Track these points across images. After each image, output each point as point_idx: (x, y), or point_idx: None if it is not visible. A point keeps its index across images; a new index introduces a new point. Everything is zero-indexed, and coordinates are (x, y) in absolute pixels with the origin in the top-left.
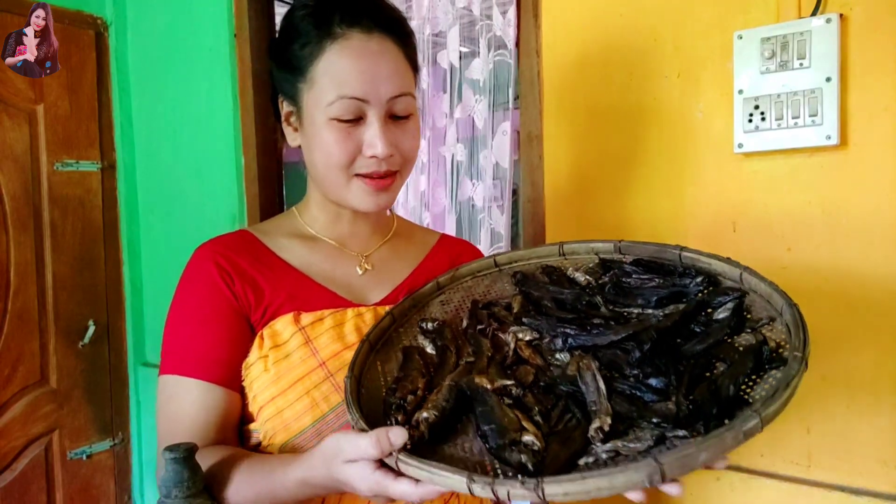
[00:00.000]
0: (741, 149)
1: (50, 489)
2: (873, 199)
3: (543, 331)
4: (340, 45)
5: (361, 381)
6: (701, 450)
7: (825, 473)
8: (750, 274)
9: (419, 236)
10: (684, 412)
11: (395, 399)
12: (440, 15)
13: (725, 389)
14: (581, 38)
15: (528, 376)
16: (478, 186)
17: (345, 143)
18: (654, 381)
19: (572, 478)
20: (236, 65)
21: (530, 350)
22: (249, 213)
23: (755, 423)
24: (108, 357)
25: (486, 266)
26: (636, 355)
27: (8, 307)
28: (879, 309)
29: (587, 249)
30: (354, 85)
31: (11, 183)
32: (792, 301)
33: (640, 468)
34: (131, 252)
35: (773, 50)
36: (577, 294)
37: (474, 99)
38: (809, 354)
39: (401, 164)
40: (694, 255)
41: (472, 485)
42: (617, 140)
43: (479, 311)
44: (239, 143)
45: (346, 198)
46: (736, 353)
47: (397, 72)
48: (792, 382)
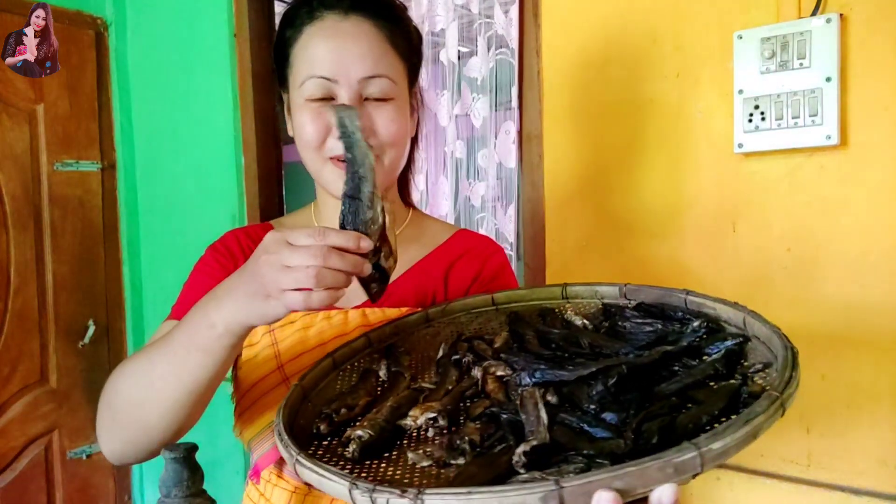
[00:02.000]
0: (741, 149)
1: (49, 489)
2: (873, 199)
3: (517, 367)
4: (316, 26)
5: (310, 394)
6: (615, 477)
7: (825, 473)
8: (754, 318)
9: (431, 233)
10: (628, 447)
11: (328, 409)
12: (440, 13)
13: (682, 427)
14: (581, 38)
15: (478, 409)
16: (475, 186)
17: (314, 124)
18: (609, 417)
19: (457, 492)
20: (236, 65)
21: (496, 384)
22: (249, 213)
23: (691, 456)
24: (108, 357)
25: (482, 303)
26: (598, 389)
27: (8, 307)
28: (879, 309)
29: (591, 293)
30: (323, 64)
31: (11, 183)
32: (789, 344)
33: (536, 489)
34: (131, 252)
35: (773, 50)
36: (565, 334)
37: (473, 98)
38: (791, 399)
39: (377, 147)
40: (700, 299)
41: (353, 490)
42: (617, 140)
43: (459, 342)
44: (239, 143)
45: (322, 182)
46: (711, 394)
47: (370, 53)
48: (754, 420)
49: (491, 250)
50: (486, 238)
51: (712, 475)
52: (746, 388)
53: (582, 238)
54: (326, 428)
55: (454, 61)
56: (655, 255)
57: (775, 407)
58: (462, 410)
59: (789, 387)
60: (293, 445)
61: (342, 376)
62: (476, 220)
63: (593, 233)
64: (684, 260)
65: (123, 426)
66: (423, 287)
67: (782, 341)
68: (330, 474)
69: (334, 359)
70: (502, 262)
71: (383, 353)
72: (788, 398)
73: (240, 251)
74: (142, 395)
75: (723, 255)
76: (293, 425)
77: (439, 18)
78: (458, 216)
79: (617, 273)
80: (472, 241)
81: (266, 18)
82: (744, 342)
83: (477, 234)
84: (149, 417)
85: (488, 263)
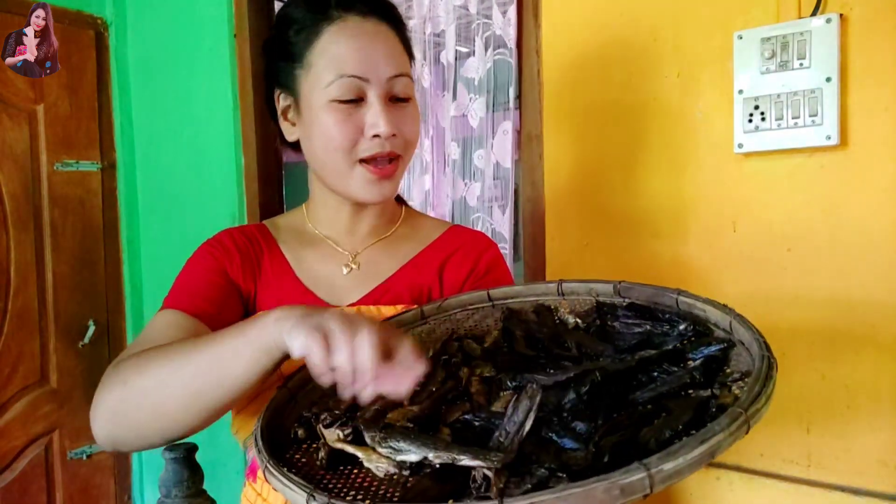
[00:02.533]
0: (741, 149)
1: (50, 489)
2: (873, 199)
3: (503, 368)
4: (338, 26)
5: (298, 395)
6: (558, 499)
7: (825, 473)
8: (739, 322)
9: (424, 230)
10: (587, 461)
11: (309, 413)
12: (441, 14)
13: (644, 441)
14: (581, 37)
15: (456, 413)
16: (471, 186)
17: (345, 125)
18: (579, 426)
19: None
20: (236, 65)
21: (480, 386)
22: (249, 213)
23: (639, 477)
24: (108, 357)
25: (477, 299)
26: (570, 397)
27: (8, 307)
28: (879, 309)
29: (586, 290)
30: (354, 63)
31: (11, 183)
32: (767, 354)
33: None
34: (131, 252)
35: (773, 50)
36: (553, 334)
37: (470, 98)
38: (759, 415)
39: (403, 147)
40: (691, 300)
41: (311, 501)
42: (617, 140)
43: (450, 342)
44: (239, 143)
45: (349, 187)
46: (681, 405)
47: (394, 53)
48: (710, 440)
49: (484, 245)
50: (479, 233)
51: (712, 475)
52: (716, 400)
53: (582, 238)
54: (304, 433)
55: (451, 61)
56: (656, 255)
57: (737, 424)
58: (443, 413)
59: (756, 402)
60: (264, 451)
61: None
62: (472, 219)
63: (593, 232)
64: (684, 260)
65: (135, 415)
66: (418, 284)
67: (761, 350)
68: (291, 484)
69: None
70: (496, 256)
71: None
72: (755, 415)
73: (234, 246)
74: (167, 391)
75: (723, 255)
76: (280, 427)
77: (440, 19)
78: (454, 215)
79: (617, 273)
80: (466, 237)
81: (266, 18)
82: (728, 348)
83: (469, 230)
84: (170, 412)
85: (482, 258)
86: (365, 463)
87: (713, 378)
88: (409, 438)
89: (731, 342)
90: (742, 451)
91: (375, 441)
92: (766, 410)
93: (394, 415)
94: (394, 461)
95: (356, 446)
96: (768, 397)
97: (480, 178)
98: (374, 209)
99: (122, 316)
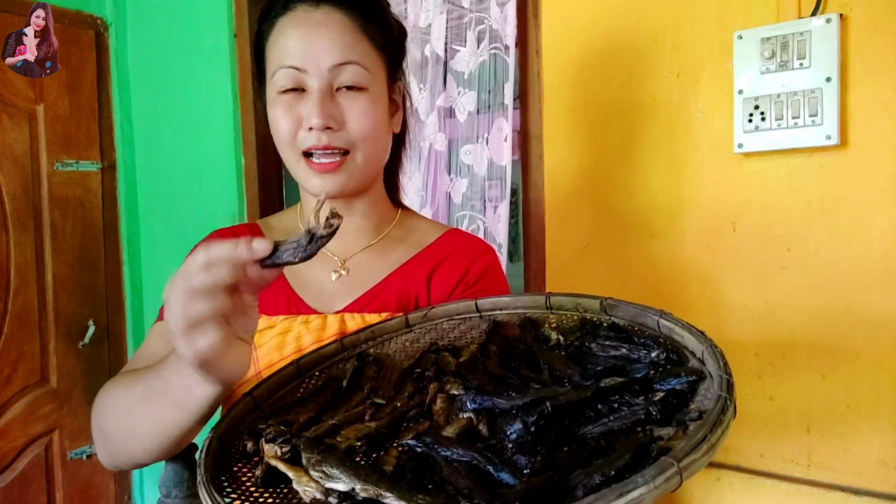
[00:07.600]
0: (741, 149)
1: (50, 489)
2: (873, 199)
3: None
4: (288, 17)
5: (264, 403)
6: None
7: (825, 473)
8: (710, 353)
9: (419, 234)
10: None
11: (263, 424)
12: (430, 8)
13: (573, 486)
14: (581, 37)
15: (409, 434)
16: (457, 182)
17: (286, 117)
18: (521, 461)
19: None
20: (236, 65)
21: (444, 404)
22: (249, 213)
23: None
24: (108, 357)
25: (464, 309)
26: (516, 427)
27: (8, 307)
28: (879, 309)
29: (574, 304)
30: (292, 54)
31: (11, 183)
32: (724, 395)
33: None
34: (131, 252)
35: (773, 50)
36: (526, 352)
37: (459, 91)
38: (697, 466)
39: (348, 141)
40: (671, 323)
41: None
42: (617, 140)
43: (427, 354)
44: (239, 143)
45: (300, 180)
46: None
47: (341, 40)
48: (630, 493)
49: (479, 251)
50: (476, 239)
51: (712, 475)
52: (661, 442)
53: (582, 238)
54: (252, 447)
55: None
56: (655, 255)
57: (665, 478)
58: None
59: (695, 452)
60: (203, 465)
61: (307, 384)
62: (458, 217)
63: (593, 233)
64: (684, 260)
65: (112, 447)
66: (406, 291)
67: (721, 391)
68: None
69: (298, 366)
70: (489, 263)
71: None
72: (690, 466)
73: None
74: (125, 430)
75: (722, 255)
76: (239, 437)
77: (428, 13)
78: (447, 215)
79: (617, 273)
80: (461, 242)
81: None
82: (697, 381)
83: (467, 235)
84: (133, 450)
85: (474, 266)
86: (294, 484)
87: (672, 414)
88: (342, 466)
89: (703, 374)
90: (742, 452)
91: (310, 463)
92: (708, 459)
93: (347, 431)
94: (322, 487)
95: (290, 466)
96: (712, 446)
97: (466, 175)
98: (358, 208)
99: (122, 316)
